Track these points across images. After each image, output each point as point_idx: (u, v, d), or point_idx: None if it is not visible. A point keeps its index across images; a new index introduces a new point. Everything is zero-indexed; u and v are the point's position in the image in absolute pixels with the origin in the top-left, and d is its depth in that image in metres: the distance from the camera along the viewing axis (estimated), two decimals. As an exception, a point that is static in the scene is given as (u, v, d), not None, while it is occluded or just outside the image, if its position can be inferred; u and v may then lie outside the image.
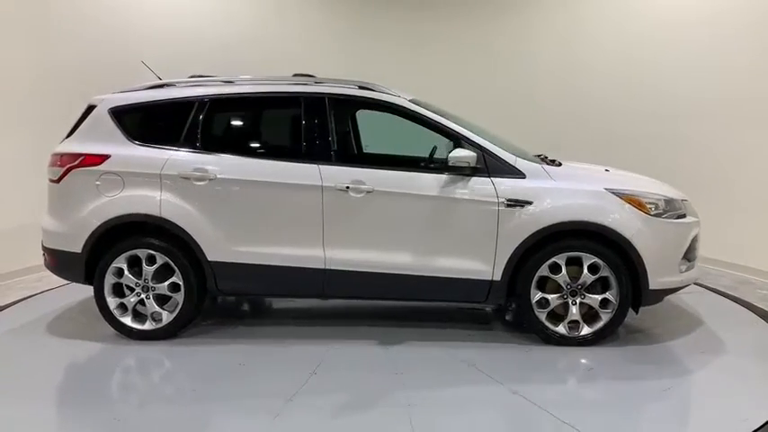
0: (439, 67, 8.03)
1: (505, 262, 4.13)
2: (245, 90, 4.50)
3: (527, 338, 4.33)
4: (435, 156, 4.45)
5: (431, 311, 5.05)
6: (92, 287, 4.36)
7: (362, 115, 5.34)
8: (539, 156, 4.69)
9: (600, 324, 4.17)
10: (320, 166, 4.23)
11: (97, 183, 4.30)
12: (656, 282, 4.12)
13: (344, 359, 4.06)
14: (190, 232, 4.24)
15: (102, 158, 4.32)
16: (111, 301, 4.36)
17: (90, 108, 4.58)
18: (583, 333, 4.18)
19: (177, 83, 4.59)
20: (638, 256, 4.06)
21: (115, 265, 4.32)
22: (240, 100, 4.51)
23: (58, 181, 4.38)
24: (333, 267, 4.23)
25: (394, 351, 4.17)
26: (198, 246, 4.26)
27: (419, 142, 4.83)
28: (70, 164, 4.34)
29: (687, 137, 7.04)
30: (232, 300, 5.35)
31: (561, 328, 4.20)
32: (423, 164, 4.42)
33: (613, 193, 4.13)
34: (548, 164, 4.41)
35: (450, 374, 3.83)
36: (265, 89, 4.50)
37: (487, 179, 4.15)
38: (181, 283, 4.30)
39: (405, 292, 4.37)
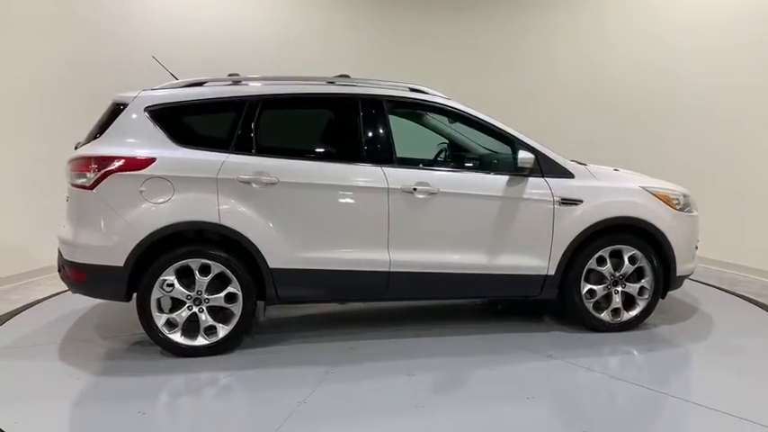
0: (453, 65, 8.22)
1: (559, 257, 4.40)
2: (299, 90, 4.33)
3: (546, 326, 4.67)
4: (488, 156, 4.59)
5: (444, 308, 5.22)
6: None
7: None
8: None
9: (638, 310, 4.58)
10: (383, 168, 4.21)
11: (141, 189, 3.91)
12: (681, 269, 4.61)
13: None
14: (251, 239, 4.01)
15: (147, 162, 3.94)
16: (159, 318, 4.00)
17: (117, 107, 4.15)
18: (625, 319, 4.56)
19: (215, 81, 4.31)
20: (670, 246, 4.52)
21: (163, 277, 3.97)
22: (294, 100, 4.33)
23: (92, 187, 3.92)
24: (397, 269, 4.22)
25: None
26: (259, 253, 4.03)
27: (427, 145, 5.00)
28: (107, 168, 3.91)
29: (703, 138, 7.05)
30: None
31: (605, 316, 4.55)
32: (481, 165, 4.55)
33: (647, 190, 4.57)
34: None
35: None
36: (320, 90, 4.37)
37: (542, 180, 4.38)
38: (239, 292, 4.05)
39: (465, 290, 4.50)
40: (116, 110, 4.15)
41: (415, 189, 4.18)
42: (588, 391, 3.69)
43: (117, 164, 3.91)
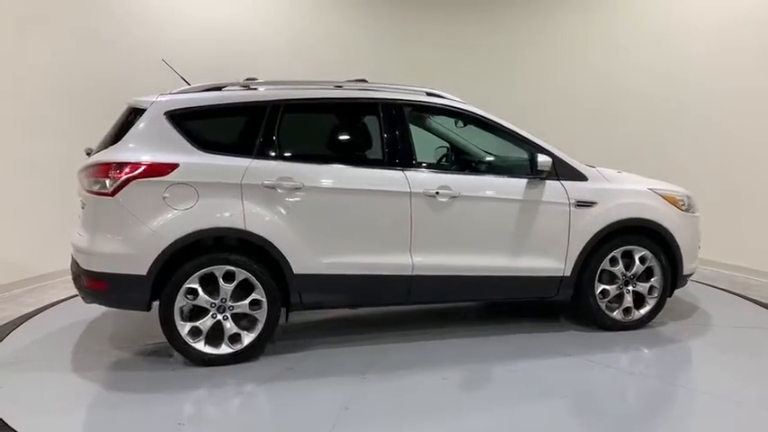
0: (453, 66, 8.33)
1: (575, 258, 4.49)
2: (322, 95, 4.32)
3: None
4: (506, 160, 4.65)
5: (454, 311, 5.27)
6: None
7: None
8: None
9: (648, 308, 4.70)
10: (405, 172, 4.22)
11: (165, 195, 3.83)
12: (687, 268, 4.77)
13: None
14: (276, 245, 3.97)
15: (170, 167, 3.86)
16: (183, 327, 3.91)
17: (134, 111, 4.06)
18: (636, 317, 4.69)
19: (233, 85, 4.25)
20: (678, 246, 4.67)
21: (187, 285, 3.89)
22: (317, 105, 4.32)
23: (113, 194, 3.81)
24: (419, 273, 4.24)
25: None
26: (284, 258, 3.99)
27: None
28: (129, 174, 3.81)
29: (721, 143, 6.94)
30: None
31: (617, 315, 4.66)
32: (498, 168, 4.62)
33: (655, 192, 4.70)
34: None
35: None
36: (343, 94, 4.36)
37: (558, 183, 4.46)
38: (263, 299, 4.00)
39: (484, 292, 4.56)
40: (133, 114, 4.06)
41: (437, 193, 4.21)
42: (607, 386, 3.86)
43: (139, 169, 3.82)
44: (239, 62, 6.89)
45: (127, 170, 3.81)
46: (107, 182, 3.82)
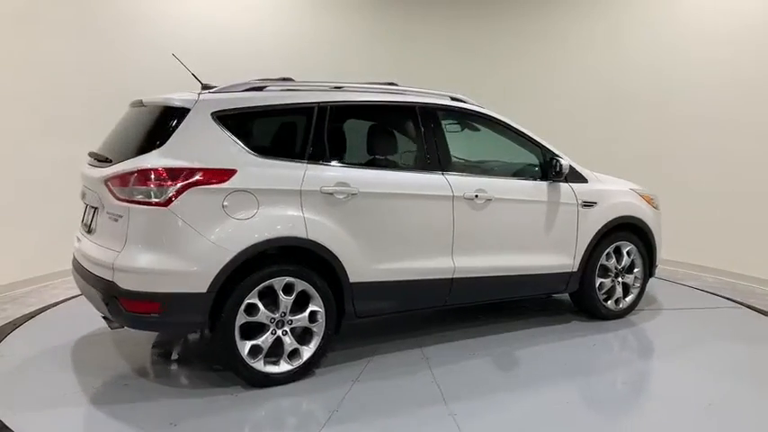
0: (453, 67, 8.39)
1: (582, 255, 4.86)
2: (369, 98, 4.22)
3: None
4: (527, 164, 4.85)
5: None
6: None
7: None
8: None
9: (632, 296, 5.21)
10: (445, 175, 4.27)
11: (225, 203, 3.50)
12: (658, 259, 5.37)
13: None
14: (336, 253, 3.81)
15: (228, 174, 3.54)
16: (243, 346, 3.60)
17: (166, 111, 3.66)
18: (624, 306, 5.17)
19: (274, 85, 3.99)
20: (654, 241, 5.25)
21: (248, 300, 3.59)
22: (364, 108, 4.21)
23: (167, 204, 3.40)
24: (459, 276, 4.32)
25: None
26: (342, 267, 3.85)
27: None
28: (185, 181, 3.43)
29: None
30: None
31: (611, 305, 5.11)
32: (521, 171, 4.81)
33: (636, 192, 5.23)
34: None
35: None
36: (387, 98, 4.30)
37: (567, 185, 4.79)
38: (321, 310, 3.81)
39: (511, 291, 4.76)
40: (166, 114, 3.65)
41: (476, 196, 4.32)
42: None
43: (196, 176, 3.46)
44: (240, 64, 6.69)
45: (182, 177, 3.43)
46: (158, 190, 3.41)
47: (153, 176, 3.42)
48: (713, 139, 6.83)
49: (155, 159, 3.47)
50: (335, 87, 4.14)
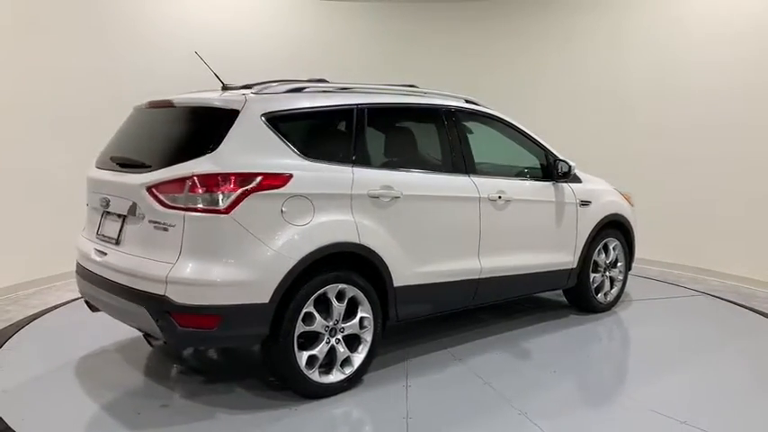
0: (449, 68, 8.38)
1: (580, 252, 5.11)
2: (408, 101, 4.24)
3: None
4: (535, 165, 4.99)
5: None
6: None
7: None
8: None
9: (616, 289, 5.54)
10: (471, 177, 4.33)
11: (283, 209, 3.35)
12: (635, 253, 5.75)
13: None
14: (384, 258, 3.76)
15: (285, 178, 3.39)
16: (301, 357, 3.46)
17: (208, 112, 3.47)
18: (611, 299, 5.49)
19: (313, 86, 3.86)
20: (633, 237, 5.62)
21: (306, 309, 3.45)
22: (397, 110, 4.21)
23: (228, 211, 3.20)
24: (485, 276, 4.40)
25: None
26: (388, 272, 3.80)
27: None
28: (246, 187, 3.24)
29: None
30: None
31: (601, 298, 5.40)
32: (530, 172, 4.94)
33: (618, 191, 5.57)
34: None
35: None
36: (422, 101, 4.33)
37: (567, 185, 5.01)
38: (370, 316, 3.74)
39: (524, 289, 4.92)
40: (213, 116, 3.44)
41: (499, 197, 4.42)
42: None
43: (256, 181, 3.28)
44: (239, 65, 6.27)
45: (244, 182, 3.25)
46: (219, 197, 3.20)
47: (214, 182, 3.21)
48: (713, 139, 6.86)
49: (210, 164, 3.25)
50: (373, 90, 4.10)
